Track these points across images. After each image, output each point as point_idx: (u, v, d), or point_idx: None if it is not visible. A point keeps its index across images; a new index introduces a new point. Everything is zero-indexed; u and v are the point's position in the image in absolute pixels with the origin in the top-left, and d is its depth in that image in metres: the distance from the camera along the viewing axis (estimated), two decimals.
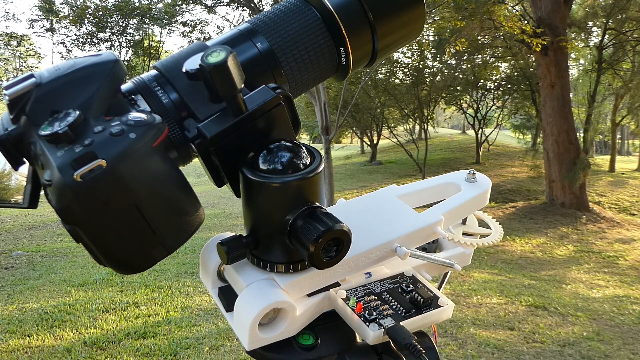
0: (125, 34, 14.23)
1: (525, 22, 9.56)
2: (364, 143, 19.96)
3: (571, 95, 11.29)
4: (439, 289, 0.50)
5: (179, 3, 12.32)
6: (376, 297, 0.44)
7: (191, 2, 11.96)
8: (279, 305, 0.39)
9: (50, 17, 14.30)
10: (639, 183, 14.29)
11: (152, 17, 13.47)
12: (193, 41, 8.22)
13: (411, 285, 0.46)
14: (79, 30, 13.88)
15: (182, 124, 0.40)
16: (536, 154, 14.56)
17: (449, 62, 14.07)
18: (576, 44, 11.62)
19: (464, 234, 0.53)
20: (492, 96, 17.10)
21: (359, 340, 0.45)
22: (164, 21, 13.51)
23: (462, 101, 17.61)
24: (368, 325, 0.41)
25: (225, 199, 10.91)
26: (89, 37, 13.87)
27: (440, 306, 0.44)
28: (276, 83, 0.44)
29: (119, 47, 14.26)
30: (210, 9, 11.82)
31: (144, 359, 2.97)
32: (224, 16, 26.87)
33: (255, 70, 0.44)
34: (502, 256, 6.63)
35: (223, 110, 0.39)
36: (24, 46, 16.10)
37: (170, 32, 18.30)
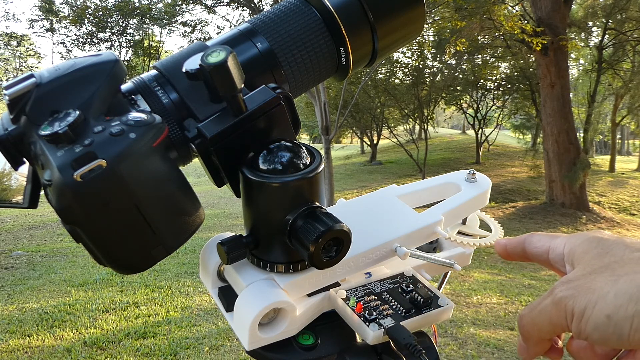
0: (125, 34, 14.23)
1: (525, 22, 9.56)
2: (364, 143, 19.96)
3: (571, 95, 11.29)
4: (439, 289, 0.50)
5: (179, 3, 12.33)
6: (376, 297, 0.44)
7: (191, 2, 11.97)
8: (279, 305, 0.39)
9: (50, 17, 14.30)
10: (639, 183, 14.29)
11: (152, 17, 13.48)
12: (193, 41, 8.22)
13: (411, 285, 0.46)
14: (79, 30, 13.89)
15: (182, 124, 0.40)
16: (536, 154, 14.57)
17: (449, 62, 14.07)
18: (576, 43, 11.61)
19: (464, 234, 0.53)
20: (492, 96, 17.11)
21: (359, 340, 0.45)
22: (164, 21, 13.52)
23: (462, 101, 17.62)
24: (368, 325, 0.41)
25: (225, 199, 10.91)
26: (89, 37, 13.88)
27: (440, 306, 0.43)
28: (276, 83, 0.44)
29: (119, 47, 14.27)
30: (210, 9, 11.83)
31: (144, 359, 2.97)
32: (224, 16, 26.88)
33: (255, 70, 0.44)
34: None
35: (223, 110, 0.39)
36: (24, 46, 16.10)
37: (170, 32, 18.31)
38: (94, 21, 13.51)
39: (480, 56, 14.34)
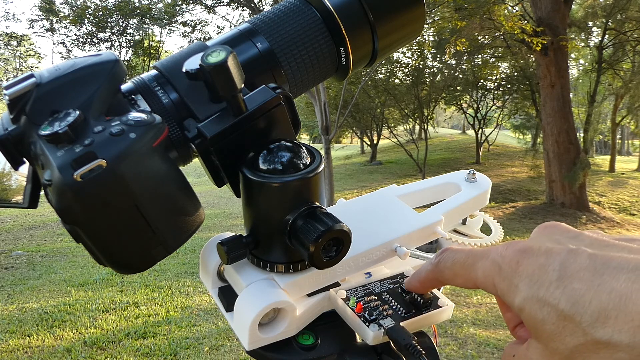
0: (125, 34, 14.24)
1: (525, 22, 9.56)
2: (364, 143, 19.96)
3: (571, 95, 11.29)
4: (438, 289, 0.49)
5: (179, 3, 12.33)
6: (376, 297, 0.44)
7: (191, 2, 11.97)
8: (279, 305, 0.39)
9: (50, 17, 14.31)
10: (639, 183, 14.29)
11: (152, 17, 13.48)
12: (193, 41, 8.22)
13: None
14: (79, 30, 13.90)
15: (182, 124, 0.40)
16: (536, 154, 14.58)
17: (449, 62, 14.07)
18: (576, 43, 11.62)
19: (463, 234, 0.53)
20: (492, 96, 17.12)
21: (359, 340, 0.45)
22: (164, 21, 13.52)
23: (462, 101, 17.62)
24: (368, 326, 0.41)
25: (225, 199, 10.91)
26: (89, 37, 13.88)
27: (440, 306, 0.43)
28: (276, 83, 0.44)
29: (119, 47, 14.27)
30: (210, 9, 11.83)
31: (144, 359, 2.97)
32: (224, 16, 26.86)
33: (255, 70, 0.44)
34: None
35: (223, 110, 0.39)
36: (24, 46, 16.11)
37: (170, 32, 18.32)
38: (94, 21, 13.51)
39: (480, 56, 14.34)
